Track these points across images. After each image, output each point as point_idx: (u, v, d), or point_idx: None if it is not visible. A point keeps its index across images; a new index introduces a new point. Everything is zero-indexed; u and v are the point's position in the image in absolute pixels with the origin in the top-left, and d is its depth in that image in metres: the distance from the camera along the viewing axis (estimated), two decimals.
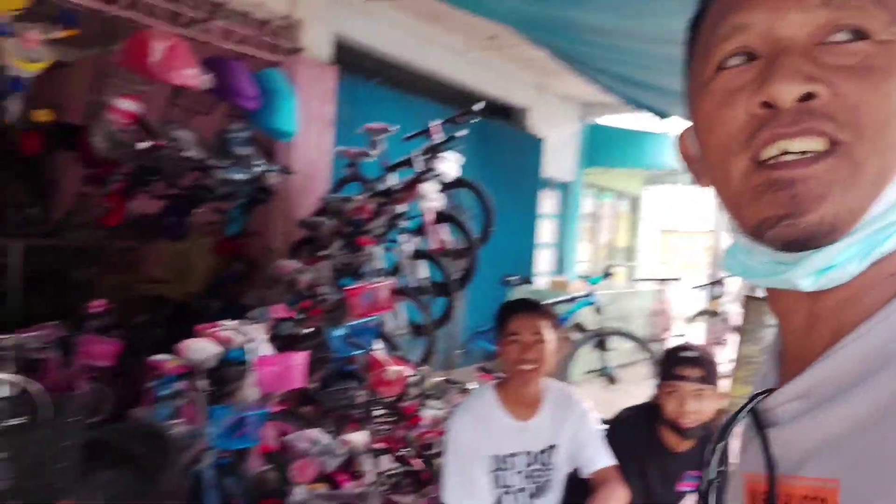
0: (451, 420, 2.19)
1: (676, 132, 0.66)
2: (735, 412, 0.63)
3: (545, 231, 8.77)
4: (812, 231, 0.49)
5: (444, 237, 4.54)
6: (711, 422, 2.19)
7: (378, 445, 2.85)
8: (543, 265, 8.78)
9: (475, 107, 4.97)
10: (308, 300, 3.85)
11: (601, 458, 2.12)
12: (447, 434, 2.15)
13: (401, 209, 4.40)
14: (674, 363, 2.17)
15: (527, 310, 2.13)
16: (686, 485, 2.34)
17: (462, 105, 6.61)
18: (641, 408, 2.37)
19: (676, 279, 7.99)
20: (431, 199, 4.40)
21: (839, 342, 0.52)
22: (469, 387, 3.08)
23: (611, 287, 7.14)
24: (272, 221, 5.03)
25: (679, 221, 15.66)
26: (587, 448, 2.13)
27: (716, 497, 0.65)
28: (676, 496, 2.31)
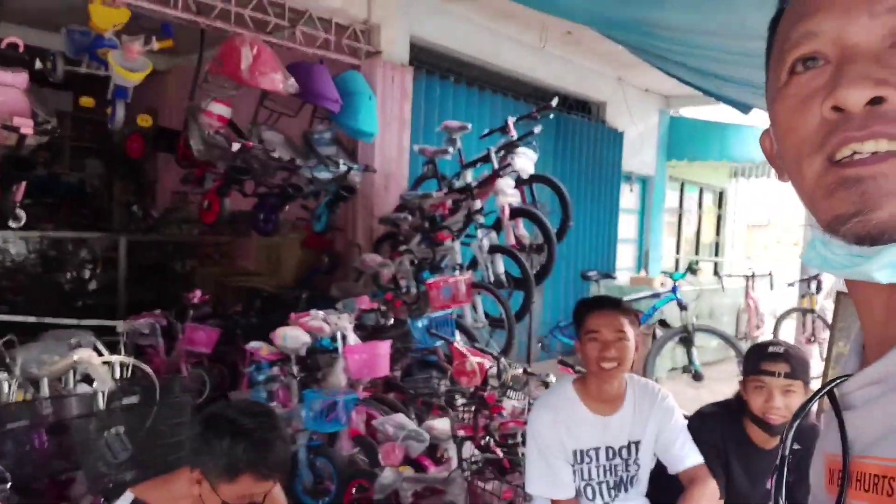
0: (532, 414, 2.18)
1: (761, 124, 0.68)
2: (814, 394, 0.65)
3: (626, 226, 8.62)
4: (883, 226, 0.50)
5: (521, 232, 4.56)
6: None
7: (461, 433, 2.91)
8: (625, 260, 8.62)
9: (551, 102, 4.96)
10: (390, 293, 3.97)
11: (690, 456, 2.07)
12: (528, 427, 2.15)
13: (478, 205, 4.45)
14: (760, 358, 2.11)
15: (607, 307, 2.08)
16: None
17: (538, 101, 6.61)
18: (726, 403, 2.31)
19: (766, 275, 7.66)
20: (508, 195, 4.42)
21: None
22: (549, 379, 3.09)
23: (696, 283, 6.94)
24: (355, 218, 5.20)
25: (767, 215, 14.97)
26: (674, 445, 2.08)
27: (787, 472, 0.67)
28: (765, 494, 2.25)
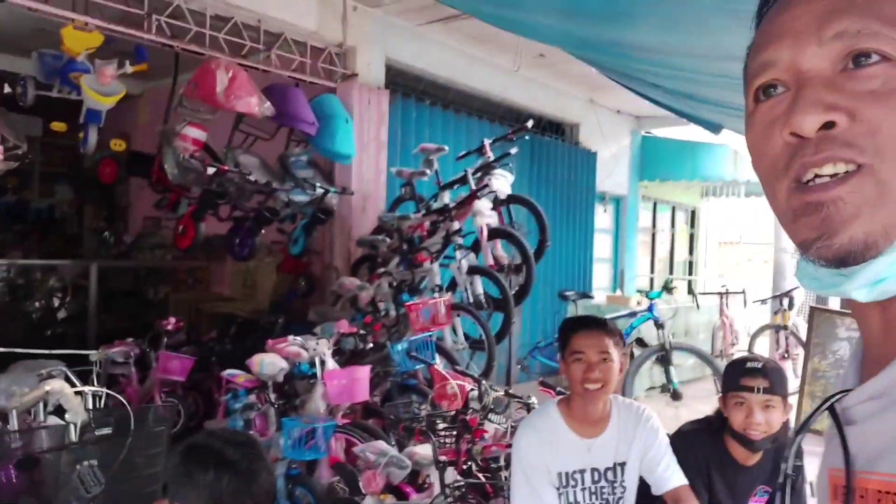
0: (517, 437, 2.14)
1: (731, 143, 0.70)
2: (813, 410, 0.65)
3: (601, 246, 8.70)
4: (845, 250, 0.51)
5: (499, 253, 4.57)
6: (779, 433, 2.13)
7: (443, 458, 2.87)
8: (601, 280, 8.69)
9: (526, 124, 5.01)
10: (369, 316, 3.94)
11: (675, 477, 2.06)
12: (513, 450, 2.13)
13: (456, 226, 4.46)
14: (740, 374, 2.11)
15: (592, 327, 2.06)
16: (758, 500, 2.27)
17: (513, 123, 6.68)
18: (707, 420, 2.32)
19: (740, 292, 7.77)
20: (485, 216, 4.43)
21: None
22: (531, 401, 3.08)
23: (671, 301, 7.01)
24: (332, 241, 5.17)
25: (738, 233, 15.25)
26: (659, 466, 2.07)
27: (791, 488, 0.67)
28: None
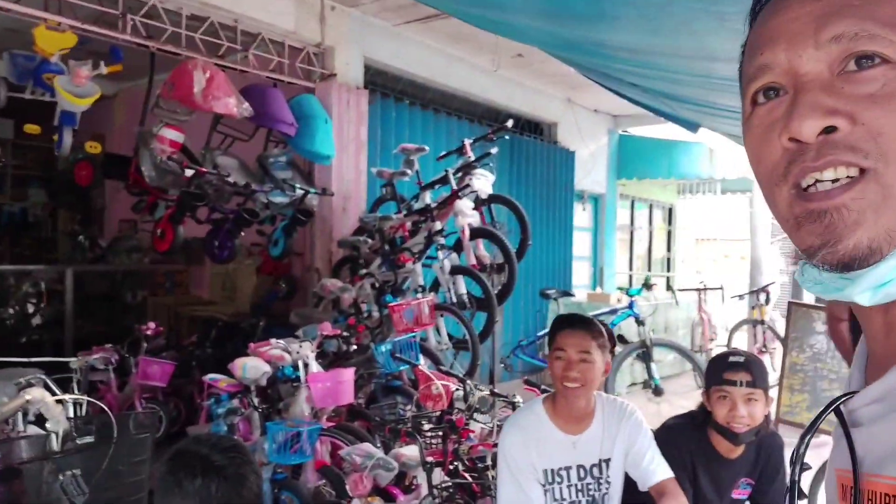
0: (502, 435, 2.16)
1: (707, 142, 0.69)
2: (820, 412, 0.65)
3: (581, 244, 8.76)
4: (850, 255, 0.51)
5: (481, 252, 4.58)
6: (761, 427, 2.16)
7: (430, 459, 2.87)
8: (580, 278, 8.75)
9: (506, 123, 5.03)
10: (352, 318, 3.92)
11: (660, 471, 2.07)
12: (499, 448, 2.14)
13: (438, 226, 4.46)
14: (723, 368, 2.15)
15: (576, 326, 2.08)
16: (741, 493, 2.31)
17: (492, 122, 6.70)
18: (690, 415, 2.35)
19: (717, 288, 7.88)
20: (467, 216, 4.44)
21: None
22: (516, 400, 3.08)
23: (651, 298, 7.08)
24: (313, 242, 5.13)
25: (714, 230, 15.46)
26: (644, 460, 2.08)
27: (798, 493, 0.68)
28: (731, 501, 2.28)
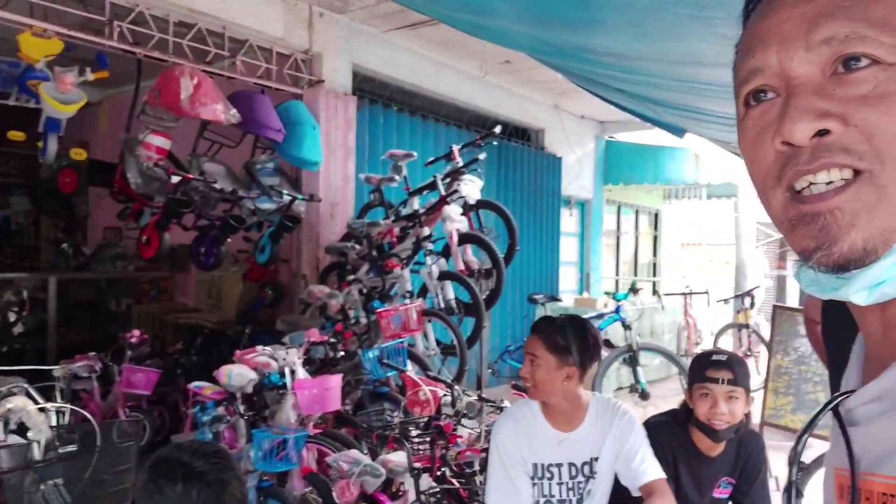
0: (496, 425, 2.21)
1: (692, 147, 0.68)
2: (818, 411, 0.65)
3: (568, 249, 8.80)
4: (845, 257, 0.52)
5: (469, 258, 4.59)
6: (741, 425, 2.19)
7: (417, 465, 2.86)
8: (567, 283, 8.79)
9: (494, 129, 5.05)
10: (340, 324, 3.91)
11: (650, 471, 2.07)
12: (492, 438, 2.17)
13: (426, 232, 4.46)
14: (705, 366, 2.18)
15: (534, 329, 2.13)
16: (722, 492, 2.33)
17: (480, 128, 6.73)
18: (673, 413, 2.38)
19: (703, 293, 7.94)
20: (455, 221, 4.45)
21: None
22: (503, 405, 3.09)
23: (637, 303, 7.12)
24: (300, 248, 5.12)
25: (699, 235, 15.59)
26: (634, 460, 2.08)
27: (796, 493, 0.69)
28: (712, 500, 2.29)
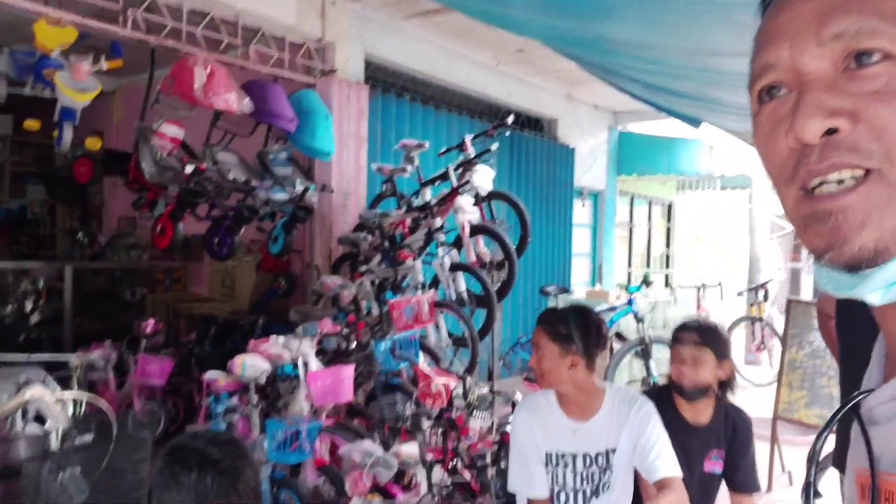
0: (514, 414, 2.29)
1: (706, 138, 0.67)
2: (837, 410, 0.65)
3: (580, 240, 8.76)
4: (856, 257, 0.51)
5: (481, 249, 4.57)
6: (722, 398, 2.33)
7: (429, 457, 2.87)
8: (579, 275, 8.75)
9: (507, 120, 5.01)
10: (352, 315, 3.91)
11: (664, 467, 2.05)
12: (511, 426, 2.26)
13: (438, 223, 4.45)
14: (678, 331, 2.38)
15: (539, 320, 2.19)
16: (713, 464, 2.36)
17: (492, 118, 6.68)
18: (660, 387, 2.49)
19: (716, 285, 7.89)
20: (467, 212, 4.43)
21: None
22: (516, 398, 3.09)
23: (649, 295, 7.09)
24: (313, 239, 5.12)
25: (712, 227, 15.47)
26: (650, 455, 2.07)
27: (814, 493, 0.68)
28: (702, 474, 2.32)
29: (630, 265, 10.68)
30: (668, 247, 11.97)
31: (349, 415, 3.54)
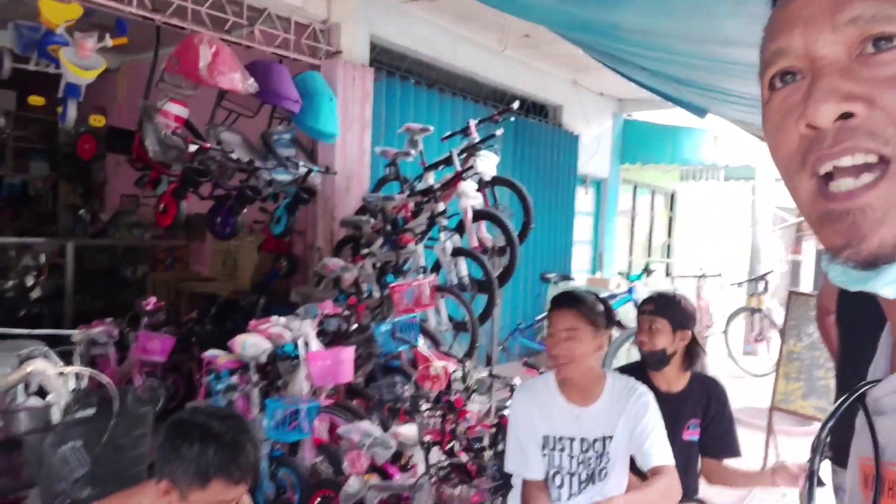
0: (514, 396, 2.31)
1: (711, 128, 0.67)
2: (842, 400, 0.65)
3: (582, 228, 8.75)
4: (875, 254, 0.51)
5: (484, 235, 4.58)
6: (675, 356, 2.41)
7: (428, 438, 2.90)
8: (580, 262, 8.75)
9: (512, 105, 5.00)
10: (353, 297, 3.93)
11: (658, 455, 2.07)
12: (510, 408, 2.29)
13: (441, 207, 4.45)
14: (641, 303, 2.54)
15: (563, 304, 2.15)
16: (691, 433, 2.42)
17: (497, 103, 6.65)
18: (634, 362, 2.58)
19: (716, 275, 7.89)
20: (470, 197, 4.43)
21: None
22: (514, 383, 3.11)
23: (650, 284, 7.09)
24: (315, 220, 5.13)
25: (715, 217, 15.43)
26: (645, 443, 2.09)
27: (816, 483, 0.69)
28: (682, 444, 2.35)
29: (631, 254, 10.68)
30: (670, 236, 11.96)
31: (348, 395, 3.56)
